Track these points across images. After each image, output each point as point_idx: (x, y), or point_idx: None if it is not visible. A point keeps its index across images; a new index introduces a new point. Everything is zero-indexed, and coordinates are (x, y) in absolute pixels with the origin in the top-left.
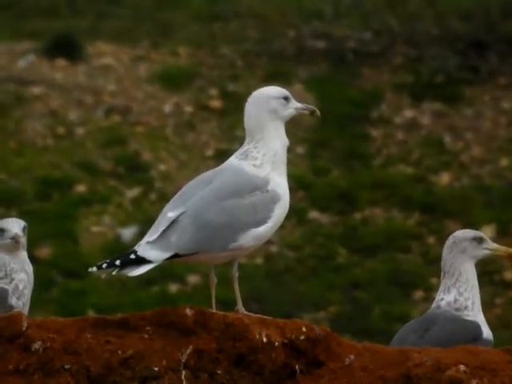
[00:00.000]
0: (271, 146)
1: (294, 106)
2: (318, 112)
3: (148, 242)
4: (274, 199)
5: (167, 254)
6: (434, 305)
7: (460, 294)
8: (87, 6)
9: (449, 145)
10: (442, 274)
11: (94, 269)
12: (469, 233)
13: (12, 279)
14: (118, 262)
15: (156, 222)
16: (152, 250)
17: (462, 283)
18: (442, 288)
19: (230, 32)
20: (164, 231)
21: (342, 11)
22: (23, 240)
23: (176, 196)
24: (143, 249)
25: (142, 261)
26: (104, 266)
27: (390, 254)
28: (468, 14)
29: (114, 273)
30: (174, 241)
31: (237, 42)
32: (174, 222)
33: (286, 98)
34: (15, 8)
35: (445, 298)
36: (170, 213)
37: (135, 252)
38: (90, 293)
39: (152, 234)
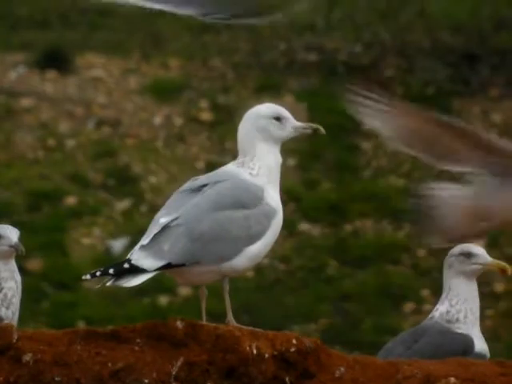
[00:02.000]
0: (265, 162)
1: (292, 125)
2: (321, 130)
3: (142, 250)
4: (269, 215)
5: (161, 263)
6: (429, 316)
7: (451, 306)
8: (79, 17)
9: None
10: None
11: (88, 276)
12: (456, 248)
13: (1, 288)
14: (111, 271)
15: (148, 229)
16: (146, 259)
17: (453, 296)
18: (440, 300)
19: (221, 44)
20: (157, 238)
21: (334, 24)
22: (23, 249)
23: (168, 202)
24: (137, 256)
25: (135, 270)
26: (98, 273)
27: (380, 265)
28: (459, 26)
29: (108, 283)
30: (167, 249)
31: (228, 54)
32: (166, 228)
33: (277, 118)
34: (6, 19)
35: (439, 309)
36: (162, 219)
37: (129, 261)
38: (81, 305)
39: (145, 239)
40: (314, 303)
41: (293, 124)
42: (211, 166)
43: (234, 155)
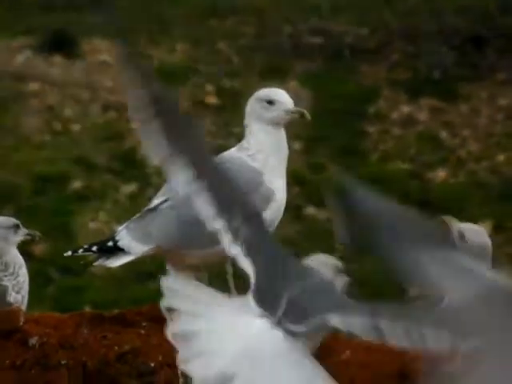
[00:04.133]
0: (259, 141)
1: (283, 108)
2: (307, 115)
3: (129, 231)
4: (267, 197)
5: (147, 247)
6: None
7: None
8: (84, 1)
9: (445, 141)
10: None
11: (69, 252)
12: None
13: (17, 275)
14: (94, 249)
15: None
16: (132, 241)
17: None
18: None
19: (226, 28)
20: (144, 219)
21: (339, 7)
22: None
23: (166, 185)
24: (123, 238)
25: (119, 250)
26: (80, 250)
27: None
28: (466, 9)
29: (95, 264)
30: (155, 232)
31: (233, 38)
32: (155, 210)
33: (269, 102)
34: (12, 4)
35: None
36: (155, 201)
37: (115, 241)
38: (87, 289)
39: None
40: None
41: (284, 107)
42: (217, 150)
43: (239, 139)
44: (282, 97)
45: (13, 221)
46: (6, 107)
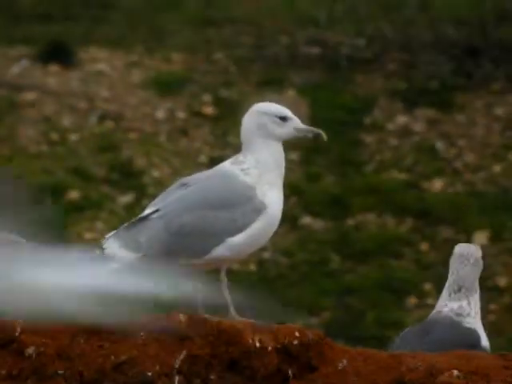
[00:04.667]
0: (259, 157)
1: (294, 125)
2: (324, 136)
3: (116, 239)
4: (258, 209)
5: (135, 255)
6: (437, 309)
7: (468, 304)
8: (81, 11)
9: (442, 151)
10: (452, 285)
11: None
12: (479, 250)
13: None
14: None
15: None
16: (120, 249)
17: (475, 297)
18: (446, 297)
19: (224, 38)
20: (134, 228)
21: (336, 17)
22: None
23: (159, 196)
24: (110, 246)
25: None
26: None
27: (382, 260)
28: (462, 19)
29: None
30: (144, 242)
31: (230, 48)
32: (145, 220)
33: (283, 118)
34: (9, 13)
35: (448, 305)
36: (145, 211)
37: (103, 249)
38: None
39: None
40: (317, 297)
41: (295, 125)
42: (214, 160)
43: (236, 149)
44: (292, 114)
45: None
46: (2, 117)
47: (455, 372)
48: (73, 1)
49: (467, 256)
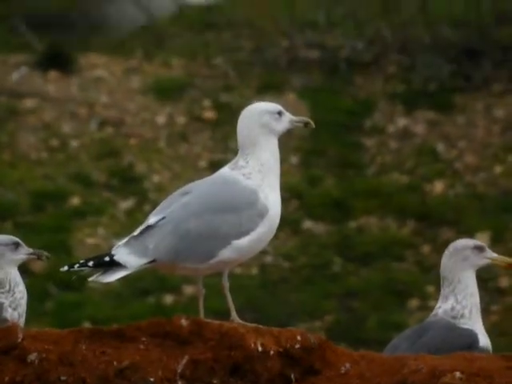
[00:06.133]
0: (262, 159)
1: (288, 119)
2: (312, 123)
3: (126, 246)
4: (262, 213)
5: (144, 261)
6: (432, 313)
7: (458, 302)
8: (80, 17)
9: (442, 153)
10: (441, 282)
11: (66, 267)
12: (471, 241)
13: (14, 293)
14: (90, 264)
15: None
16: (129, 256)
17: (461, 290)
18: (440, 297)
19: (223, 42)
20: (142, 235)
21: (335, 20)
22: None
23: (161, 203)
24: (119, 253)
25: (115, 264)
26: (76, 265)
27: (384, 262)
28: (461, 21)
29: (90, 279)
30: (152, 247)
31: (230, 52)
32: (153, 227)
33: (279, 113)
34: (8, 20)
35: (442, 307)
36: (151, 219)
37: (111, 255)
38: (86, 304)
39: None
40: (319, 300)
41: (289, 118)
42: (214, 165)
43: (236, 154)
44: (282, 108)
45: (12, 239)
46: (2, 124)
47: (458, 374)
48: (72, 7)
49: (448, 248)
